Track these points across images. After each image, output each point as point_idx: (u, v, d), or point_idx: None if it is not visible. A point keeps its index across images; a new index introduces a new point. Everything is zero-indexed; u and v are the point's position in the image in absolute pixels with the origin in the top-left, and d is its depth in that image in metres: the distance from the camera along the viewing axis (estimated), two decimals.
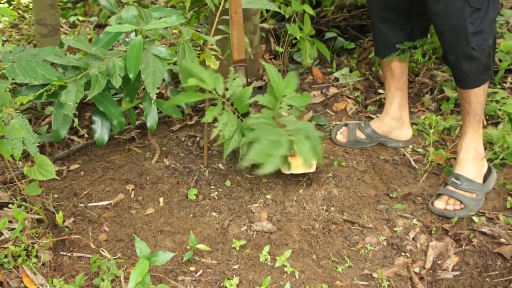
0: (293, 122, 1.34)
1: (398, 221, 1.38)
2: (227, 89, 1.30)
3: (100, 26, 2.69)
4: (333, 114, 1.93)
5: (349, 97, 2.01)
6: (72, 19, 2.78)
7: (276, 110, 1.34)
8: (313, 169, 1.49)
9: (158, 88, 1.29)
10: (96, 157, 1.63)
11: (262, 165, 1.13)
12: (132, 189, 1.47)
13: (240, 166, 1.25)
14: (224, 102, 1.29)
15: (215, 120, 1.29)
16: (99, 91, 1.33)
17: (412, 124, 1.76)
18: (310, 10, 1.97)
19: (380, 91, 2.01)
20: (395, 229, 1.35)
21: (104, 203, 1.41)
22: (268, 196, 1.45)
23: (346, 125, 1.76)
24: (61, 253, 1.24)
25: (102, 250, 1.23)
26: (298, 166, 1.46)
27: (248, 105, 1.33)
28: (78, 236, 1.27)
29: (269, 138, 1.18)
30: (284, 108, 1.36)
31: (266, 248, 1.26)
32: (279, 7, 1.97)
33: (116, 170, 1.55)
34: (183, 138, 1.73)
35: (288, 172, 1.47)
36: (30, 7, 2.83)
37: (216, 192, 1.46)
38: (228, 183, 1.49)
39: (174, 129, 1.78)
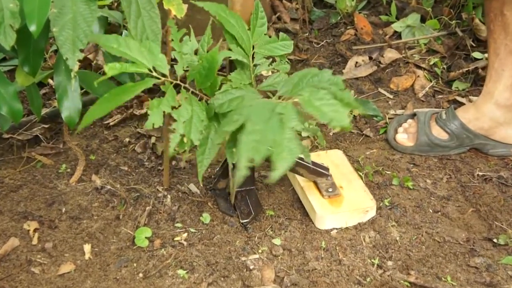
0: (284, 82, 1.34)
1: (510, 286, 1.38)
2: (175, 63, 1.29)
3: None
4: (390, 96, 1.95)
5: (419, 67, 2.01)
6: None
7: (252, 70, 1.36)
8: (372, 214, 1.52)
9: (81, 50, 1.28)
10: None
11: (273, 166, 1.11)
12: (35, 230, 1.47)
13: (231, 186, 1.24)
14: (179, 84, 1.27)
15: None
16: None
17: None
18: None
19: (477, 55, 2.01)
20: None
21: None
22: (277, 241, 1.46)
23: (414, 116, 1.77)
24: None
25: None
26: (345, 214, 1.48)
27: (218, 81, 1.33)
28: None
29: (259, 118, 1.14)
30: (263, 64, 1.39)
31: None
32: None
33: (5, 196, 1.56)
34: (127, 139, 1.75)
35: (328, 227, 1.49)
36: None
37: (186, 234, 1.47)
38: (206, 217, 1.51)
39: (111, 124, 1.79)
